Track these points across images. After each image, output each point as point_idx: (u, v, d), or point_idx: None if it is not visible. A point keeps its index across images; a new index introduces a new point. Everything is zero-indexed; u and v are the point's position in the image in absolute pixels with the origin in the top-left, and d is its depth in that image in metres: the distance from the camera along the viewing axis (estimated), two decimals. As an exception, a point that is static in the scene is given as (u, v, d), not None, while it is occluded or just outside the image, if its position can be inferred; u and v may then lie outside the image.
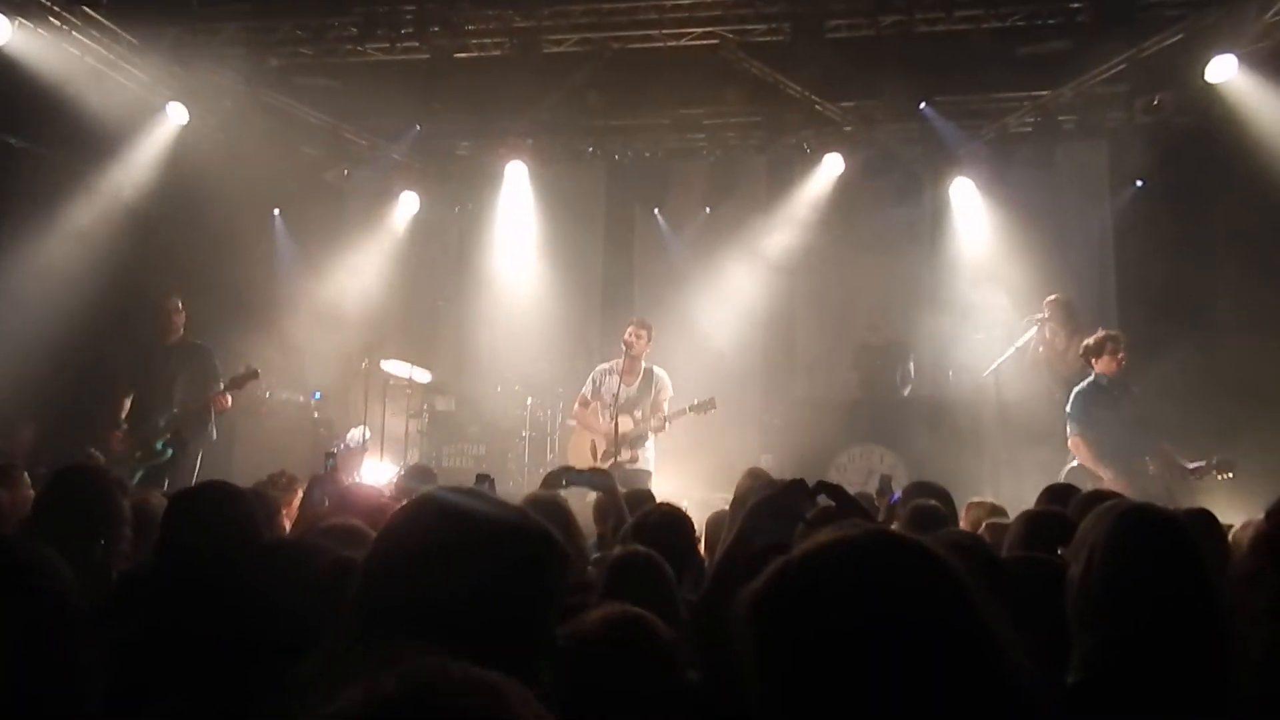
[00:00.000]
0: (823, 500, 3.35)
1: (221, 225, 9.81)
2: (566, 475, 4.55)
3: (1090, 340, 7.31)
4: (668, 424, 7.95)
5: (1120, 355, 7.15)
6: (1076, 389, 7.33)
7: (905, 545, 1.27)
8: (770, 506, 3.06)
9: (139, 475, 7.35)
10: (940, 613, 1.19)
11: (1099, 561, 2.23)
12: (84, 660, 1.54)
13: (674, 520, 3.80)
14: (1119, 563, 2.21)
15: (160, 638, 2.28)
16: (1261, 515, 2.47)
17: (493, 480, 4.36)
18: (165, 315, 7.94)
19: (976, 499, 5.22)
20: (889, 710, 1.12)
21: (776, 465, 8.62)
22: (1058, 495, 4.19)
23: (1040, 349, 8.58)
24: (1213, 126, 8.73)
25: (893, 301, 10.25)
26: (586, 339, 10.93)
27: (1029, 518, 3.54)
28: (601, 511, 4.87)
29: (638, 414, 8.08)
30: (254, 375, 7.82)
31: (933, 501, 4.38)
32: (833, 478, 8.55)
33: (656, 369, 8.23)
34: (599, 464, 7.75)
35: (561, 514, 3.82)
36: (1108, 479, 6.89)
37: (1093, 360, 7.27)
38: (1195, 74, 8.46)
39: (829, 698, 1.14)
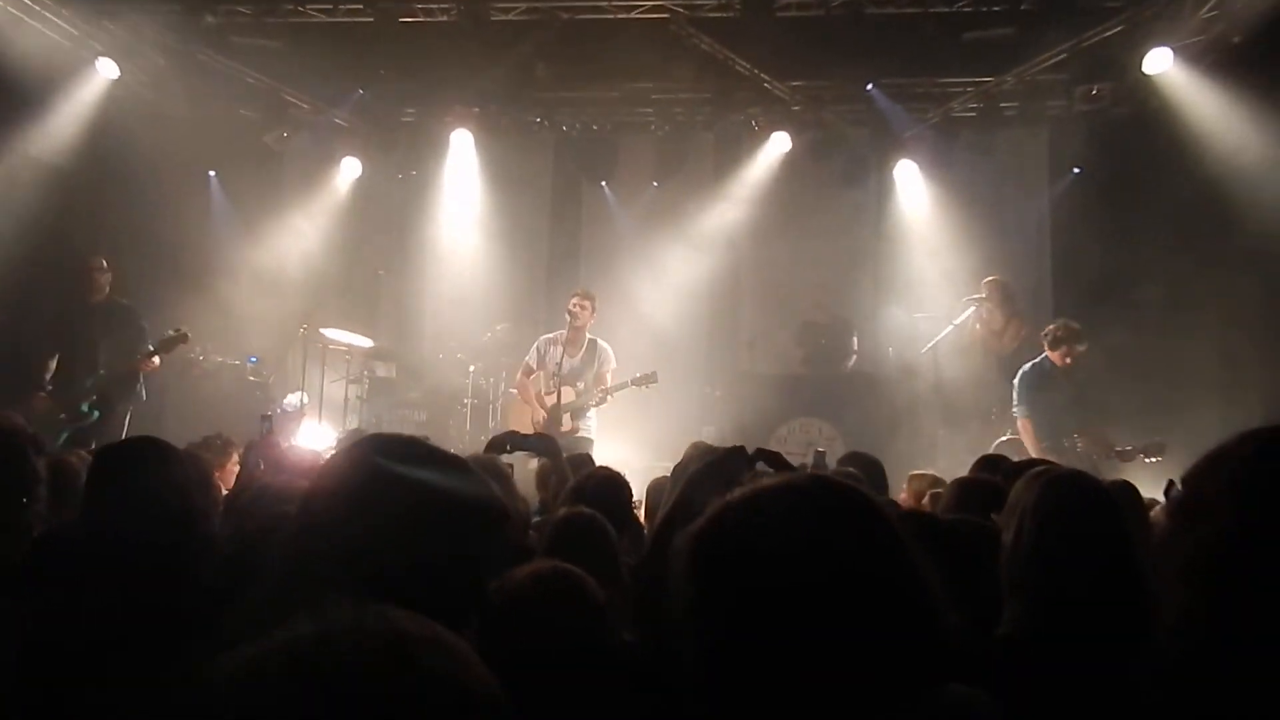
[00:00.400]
0: (762, 468, 3.37)
1: (153, 186, 9.54)
2: (511, 439, 4.49)
3: (1058, 329, 7.40)
4: (610, 396, 7.95)
5: (1074, 353, 7.28)
6: (1022, 370, 7.48)
7: (844, 490, 1.27)
8: (710, 473, 3.06)
9: (64, 437, 7.14)
10: (877, 557, 1.19)
11: (1029, 525, 2.29)
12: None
13: (612, 483, 3.79)
14: (1047, 526, 2.27)
15: (81, 602, 2.20)
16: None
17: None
18: (89, 274, 7.72)
19: (918, 471, 5.29)
20: (821, 655, 1.12)
21: (718, 436, 8.67)
22: (990, 464, 4.27)
23: (977, 328, 8.72)
24: (1149, 116, 8.93)
25: (837, 279, 10.34)
26: (531, 309, 10.87)
27: (963, 484, 3.62)
28: (544, 477, 4.85)
29: (580, 385, 8.06)
30: (183, 338, 7.64)
31: (852, 469, 4.42)
32: (775, 449, 8.75)
33: (600, 341, 8.22)
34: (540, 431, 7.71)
35: (500, 475, 3.78)
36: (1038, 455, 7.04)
37: (1048, 346, 7.40)
38: (1134, 65, 8.63)
39: (763, 641, 1.13)
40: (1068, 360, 7.31)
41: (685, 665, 1.19)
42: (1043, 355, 7.46)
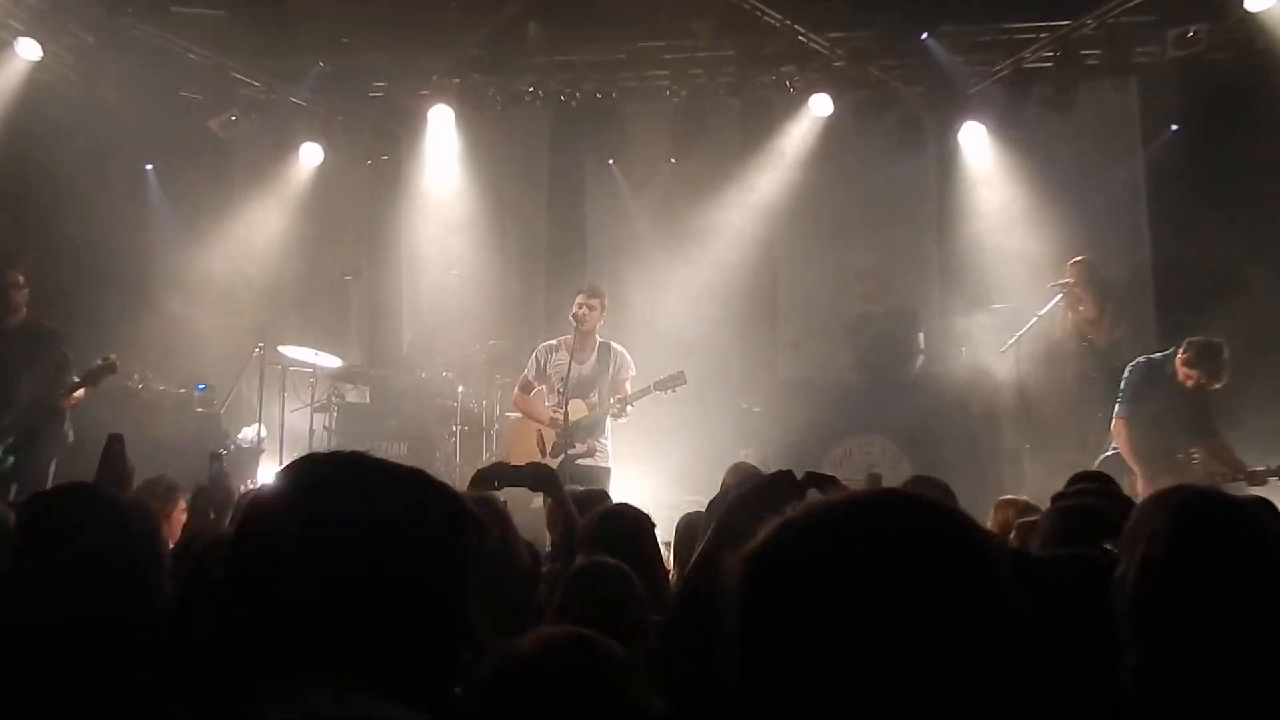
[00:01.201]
0: (814, 495, 3.28)
1: (81, 183, 9.56)
2: (500, 474, 4.40)
3: (1200, 349, 7.14)
4: (630, 406, 7.90)
5: (1195, 374, 7.08)
6: (1134, 362, 7.36)
7: (929, 507, 1.23)
8: (753, 502, 2.98)
9: (-22, 484, 7.14)
10: (968, 589, 1.16)
11: (1160, 554, 2.19)
12: None
13: (635, 523, 3.71)
14: (1184, 554, 2.19)
15: (7, 678, 2.20)
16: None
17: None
18: (4, 292, 7.74)
19: (1008, 497, 5.20)
20: (894, 700, 1.11)
21: (759, 460, 8.56)
22: (1090, 483, 4.17)
23: (1069, 317, 8.62)
24: (1255, 61, 8.81)
25: (895, 266, 10.26)
26: (529, 315, 10.86)
27: (1063, 510, 3.54)
28: (553, 517, 4.77)
29: (593, 397, 8.02)
30: (110, 368, 7.67)
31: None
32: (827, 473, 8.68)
33: (614, 344, 8.20)
34: (548, 459, 7.65)
35: (498, 520, 3.70)
36: (1139, 474, 6.94)
37: (1181, 360, 7.15)
38: (1234, 1, 8.54)
39: (828, 685, 1.12)
40: (1182, 376, 7.14)
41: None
42: (1167, 352, 7.30)
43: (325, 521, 1.40)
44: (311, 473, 1.48)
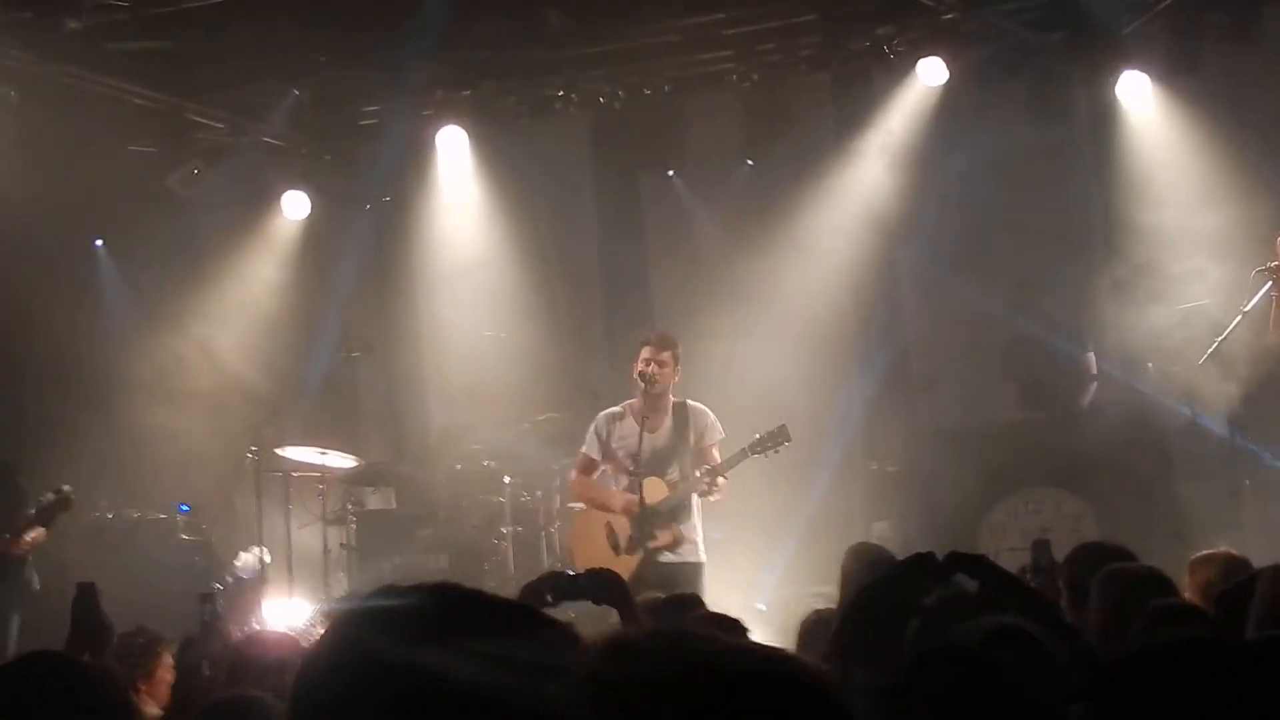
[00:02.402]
0: (962, 582, 3.29)
1: (18, 272, 9.87)
2: (551, 585, 4.43)
3: None
4: (723, 478, 7.89)
5: None
6: None
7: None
8: (880, 595, 3.01)
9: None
10: None
11: None
12: None
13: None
14: None
15: None
16: None
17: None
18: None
19: (1206, 552, 5.13)
20: None
21: (898, 536, 8.53)
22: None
23: (1282, 310, 8.49)
24: None
25: (1049, 267, 10.15)
26: (586, 376, 10.89)
27: None
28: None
29: (673, 473, 8.03)
30: (65, 503, 7.93)
31: (1129, 565, 4.34)
32: (987, 544, 8.67)
33: (692, 403, 8.20)
34: (623, 557, 7.68)
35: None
36: None
37: None
38: None
39: None
40: None
41: None
42: None
43: (395, 692, 1.39)
44: (380, 622, 1.45)
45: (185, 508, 9.96)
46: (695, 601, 5.49)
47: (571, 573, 4.71)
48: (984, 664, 2.27)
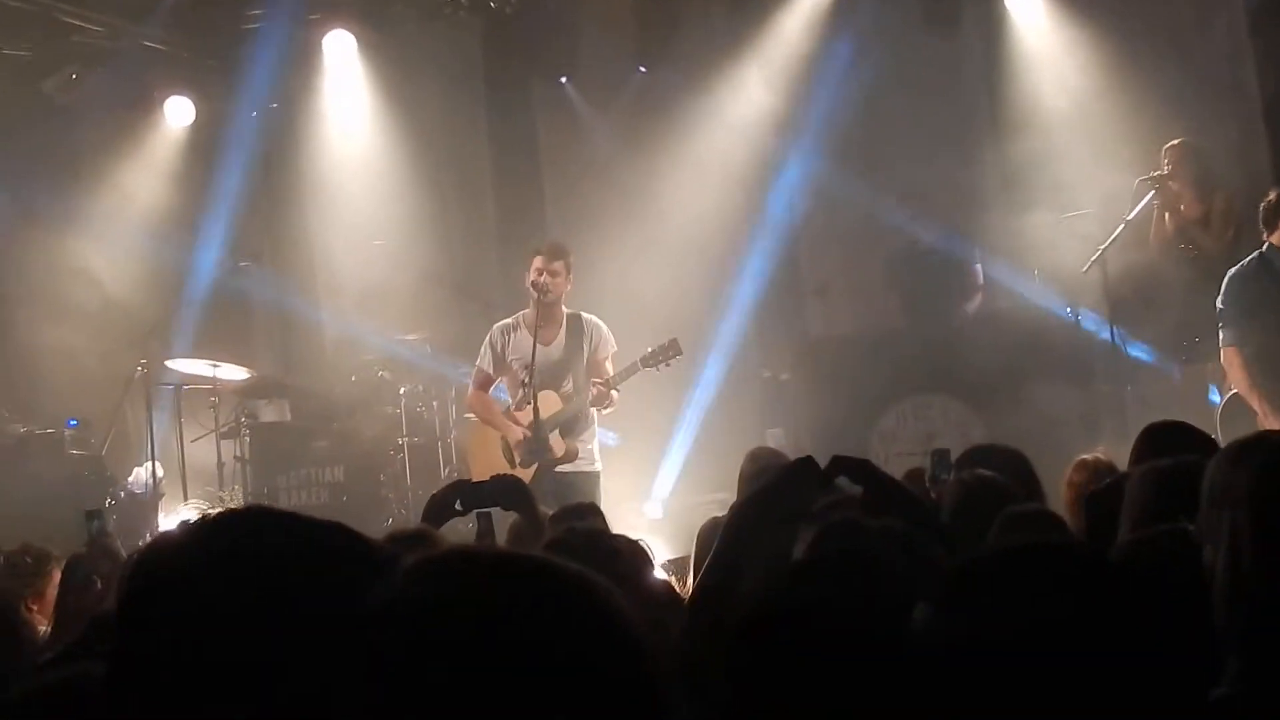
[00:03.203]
0: (845, 486, 3.36)
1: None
2: (462, 494, 4.49)
3: (1272, 197, 7.34)
4: (615, 391, 7.96)
5: None
6: (1231, 272, 7.42)
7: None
8: (766, 503, 3.06)
9: None
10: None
11: (1245, 531, 2.19)
12: None
13: (589, 547, 3.73)
14: (1273, 529, 2.17)
15: None
16: None
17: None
18: None
19: (1082, 456, 5.25)
20: None
21: (790, 443, 8.65)
22: (1176, 436, 4.20)
23: (1166, 220, 8.65)
24: None
25: (938, 177, 10.24)
26: (479, 284, 10.85)
27: (1154, 476, 3.52)
28: (520, 541, 4.83)
29: (567, 385, 8.08)
30: None
31: (985, 472, 4.41)
32: (878, 450, 8.85)
33: (586, 315, 8.23)
34: (519, 469, 7.73)
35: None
36: (1261, 413, 7.00)
37: (1265, 228, 7.31)
38: None
39: None
40: None
41: None
42: (1263, 248, 7.39)
43: (228, 613, 1.43)
44: (203, 547, 1.49)
45: (73, 422, 9.82)
46: (592, 510, 5.55)
47: (476, 480, 4.74)
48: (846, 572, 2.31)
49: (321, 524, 1.57)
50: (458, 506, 4.41)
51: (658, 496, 9.55)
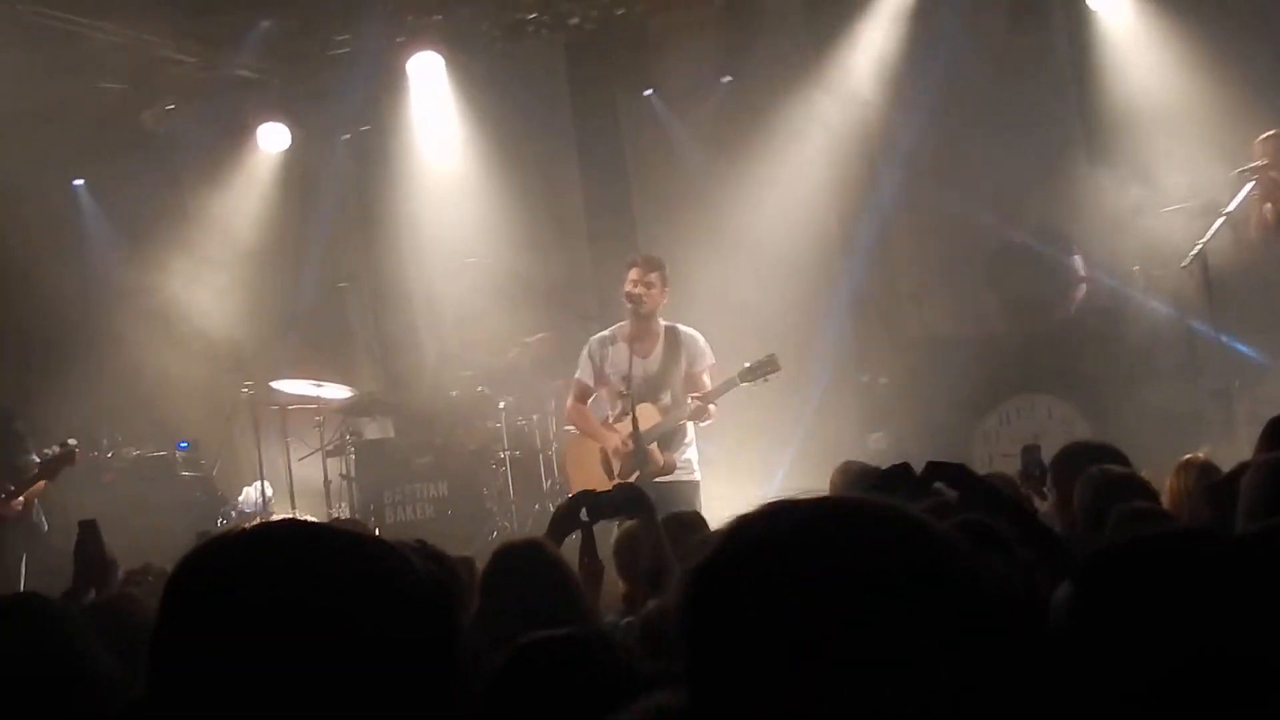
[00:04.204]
0: (944, 491, 3.36)
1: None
2: (589, 504, 4.55)
3: None
4: (713, 405, 7.96)
5: None
6: None
7: (884, 516, 1.37)
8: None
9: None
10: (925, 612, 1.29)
11: None
12: None
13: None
14: None
15: None
16: None
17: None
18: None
19: (1187, 456, 5.19)
20: None
21: (893, 447, 8.64)
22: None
23: (1268, 210, 8.54)
24: None
25: (1033, 175, 10.18)
26: (573, 297, 10.96)
27: (1271, 467, 3.49)
28: (627, 553, 4.82)
29: (665, 398, 8.08)
30: (69, 458, 8.02)
31: (1114, 468, 4.40)
32: (980, 452, 8.78)
33: (682, 327, 8.22)
34: (617, 480, 7.77)
35: (547, 567, 3.79)
36: None
37: None
38: None
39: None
40: None
41: None
42: None
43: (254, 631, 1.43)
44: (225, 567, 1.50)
45: (184, 444, 10.03)
46: (697, 518, 5.58)
47: (599, 490, 4.83)
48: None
49: (355, 538, 1.58)
50: (583, 517, 4.49)
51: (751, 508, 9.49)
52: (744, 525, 1.36)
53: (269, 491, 9.74)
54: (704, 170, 11.03)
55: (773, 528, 1.35)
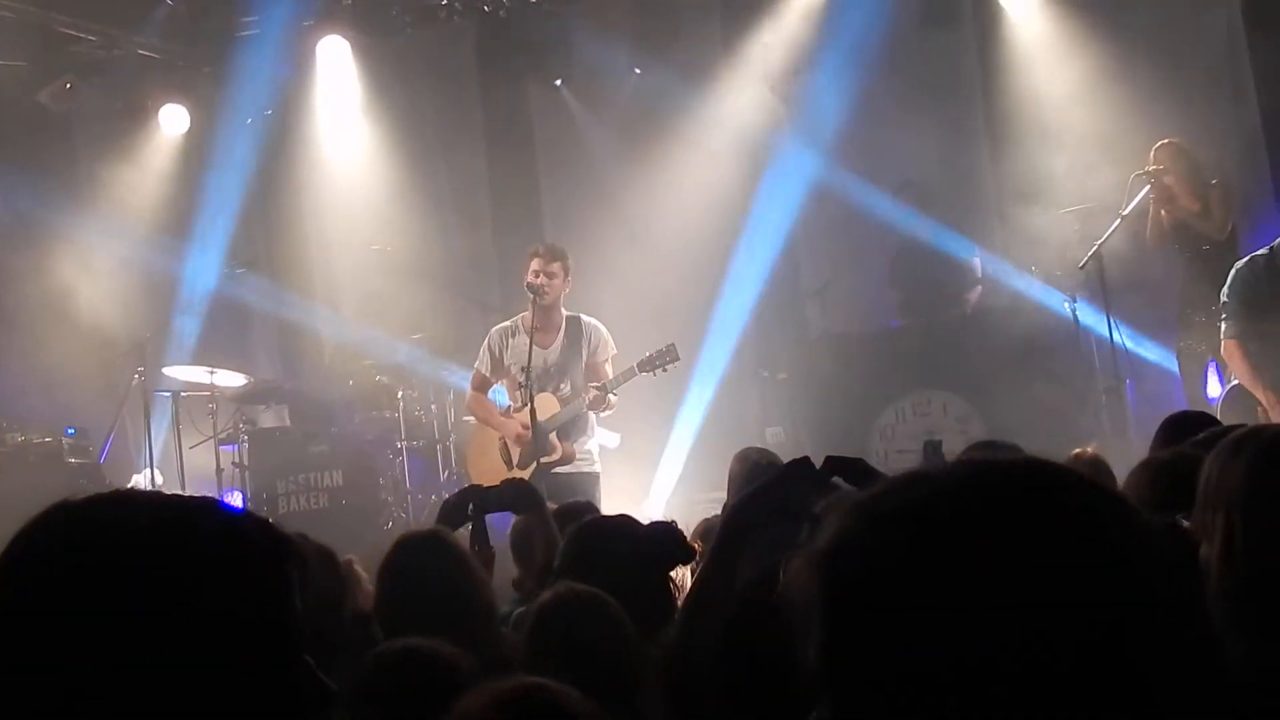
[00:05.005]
0: (843, 487, 3.33)
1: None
2: (475, 498, 4.53)
3: None
4: (613, 395, 7.94)
5: None
6: (1239, 265, 7.42)
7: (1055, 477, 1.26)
8: (761, 504, 3.04)
9: None
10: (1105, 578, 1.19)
11: (1240, 522, 2.14)
12: None
13: (611, 538, 3.75)
14: (1269, 520, 2.12)
15: None
16: None
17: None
18: None
19: (1076, 450, 5.24)
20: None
21: (790, 441, 8.65)
22: (1186, 427, 4.17)
23: (1164, 214, 8.66)
24: None
25: (936, 175, 10.28)
26: (476, 288, 10.89)
27: (1153, 470, 3.48)
28: (523, 544, 4.83)
29: (565, 388, 8.06)
30: None
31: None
32: (876, 448, 8.84)
33: (584, 317, 8.21)
34: (515, 471, 7.73)
35: (448, 557, 3.77)
36: (1267, 403, 6.99)
37: None
38: None
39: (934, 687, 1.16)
40: None
41: None
42: (1272, 243, 7.38)
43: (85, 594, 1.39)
44: (58, 532, 1.46)
45: (71, 431, 9.82)
46: (590, 509, 5.55)
47: (486, 485, 4.79)
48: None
49: (177, 500, 1.55)
50: (469, 511, 4.45)
51: (658, 496, 9.55)
52: (878, 497, 1.26)
53: (159, 479, 9.59)
54: (612, 161, 11.05)
55: (918, 498, 1.24)
